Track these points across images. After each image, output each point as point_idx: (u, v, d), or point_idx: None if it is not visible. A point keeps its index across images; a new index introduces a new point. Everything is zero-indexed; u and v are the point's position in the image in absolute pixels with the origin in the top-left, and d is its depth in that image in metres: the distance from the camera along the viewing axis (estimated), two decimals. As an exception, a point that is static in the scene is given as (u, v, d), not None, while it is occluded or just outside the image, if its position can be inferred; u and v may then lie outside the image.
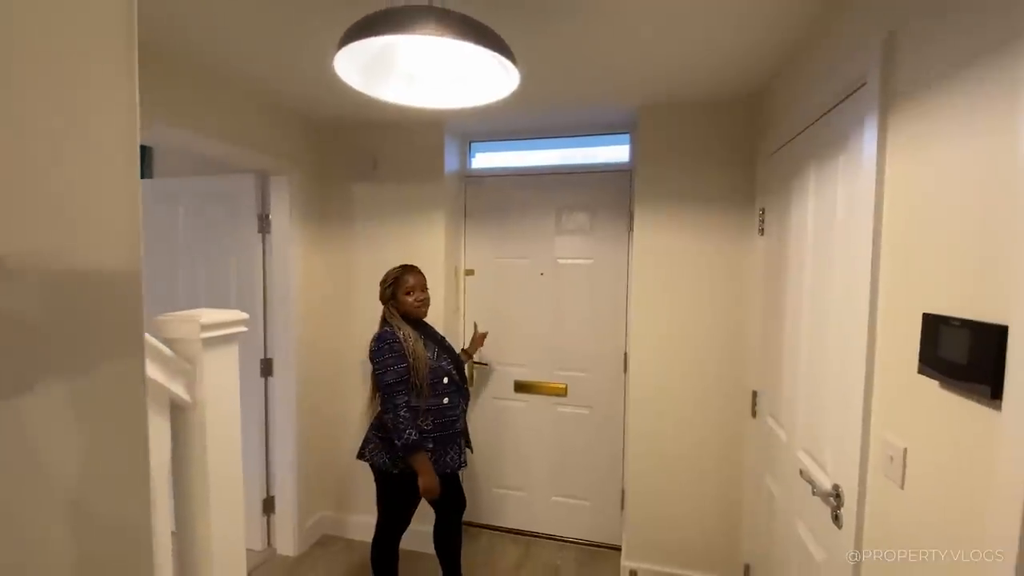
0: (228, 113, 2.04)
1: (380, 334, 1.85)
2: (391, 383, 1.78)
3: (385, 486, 1.91)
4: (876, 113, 1.07)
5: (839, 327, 1.26)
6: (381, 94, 1.35)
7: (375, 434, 1.90)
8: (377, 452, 1.87)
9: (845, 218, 1.25)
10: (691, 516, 2.23)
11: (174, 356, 0.88)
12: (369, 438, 1.92)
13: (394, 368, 1.79)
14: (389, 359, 1.79)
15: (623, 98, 2.12)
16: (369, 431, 1.94)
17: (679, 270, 2.19)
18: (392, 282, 1.94)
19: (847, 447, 1.17)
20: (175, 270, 2.60)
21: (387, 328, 1.87)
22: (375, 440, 1.89)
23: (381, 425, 1.87)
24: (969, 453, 0.78)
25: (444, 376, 1.93)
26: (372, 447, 1.89)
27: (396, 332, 1.85)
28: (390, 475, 1.86)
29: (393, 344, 1.81)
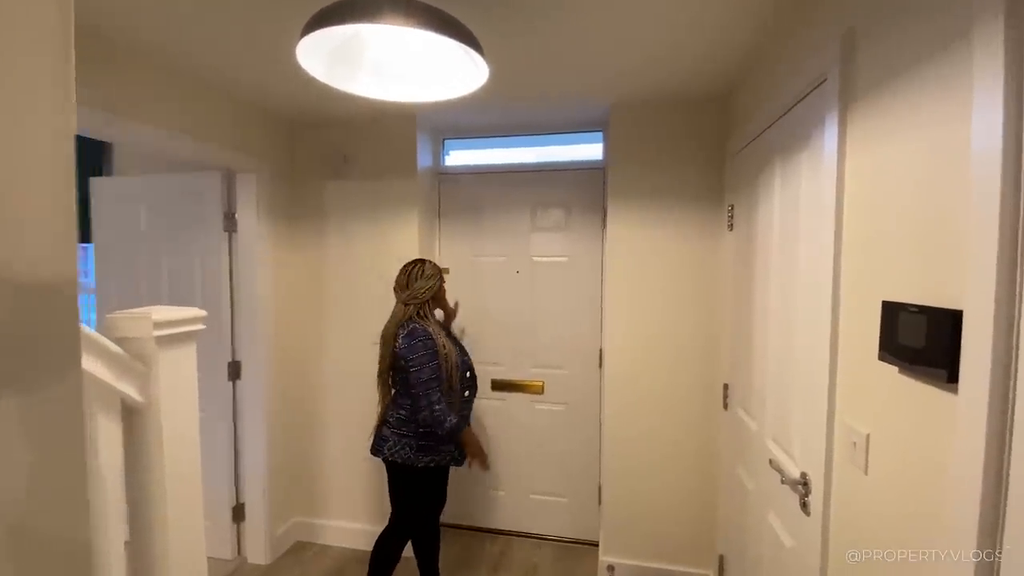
0: (189, 108, 1.97)
1: (412, 330, 1.80)
2: (427, 380, 1.76)
3: (407, 481, 1.87)
4: (836, 109, 1.10)
5: (804, 318, 1.28)
6: (347, 87, 1.32)
7: (394, 431, 1.85)
8: (398, 448, 1.83)
9: (808, 212, 1.28)
10: (667, 509, 2.25)
11: (125, 355, 0.84)
12: (386, 436, 1.86)
13: (429, 365, 1.78)
14: (424, 356, 1.77)
15: (595, 96, 2.13)
16: (384, 429, 1.88)
17: (652, 266, 2.21)
18: (439, 277, 1.92)
19: (813, 435, 1.19)
20: (137, 272, 2.50)
21: (416, 324, 1.82)
22: (393, 437, 1.84)
23: (402, 421, 1.83)
24: (929, 436, 0.80)
25: (467, 370, 1.96)
26: (391, 444, 1.84)
27: (427, 328, 1.82)
28: (414, 469, 1.84)
29: (427, 341, 1.79)
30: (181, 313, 0.91)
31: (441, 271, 1.96)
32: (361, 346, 2.52)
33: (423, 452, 1.83)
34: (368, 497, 2.56)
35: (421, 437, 1.82)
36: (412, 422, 1.82)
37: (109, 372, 0.80)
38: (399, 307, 1.90)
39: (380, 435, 1.89)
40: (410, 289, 1.89)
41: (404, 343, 1.79)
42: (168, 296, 2.46)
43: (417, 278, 1.89)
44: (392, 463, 1.86)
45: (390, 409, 1.89)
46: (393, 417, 1.87)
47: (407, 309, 1.87)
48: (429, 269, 1.92)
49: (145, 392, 0.87)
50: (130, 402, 0.85)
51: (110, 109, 1.64)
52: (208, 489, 2.43)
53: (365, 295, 2.51)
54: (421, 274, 1.90)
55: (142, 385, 0.86)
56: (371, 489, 2.55)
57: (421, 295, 1.88)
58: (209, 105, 2.06)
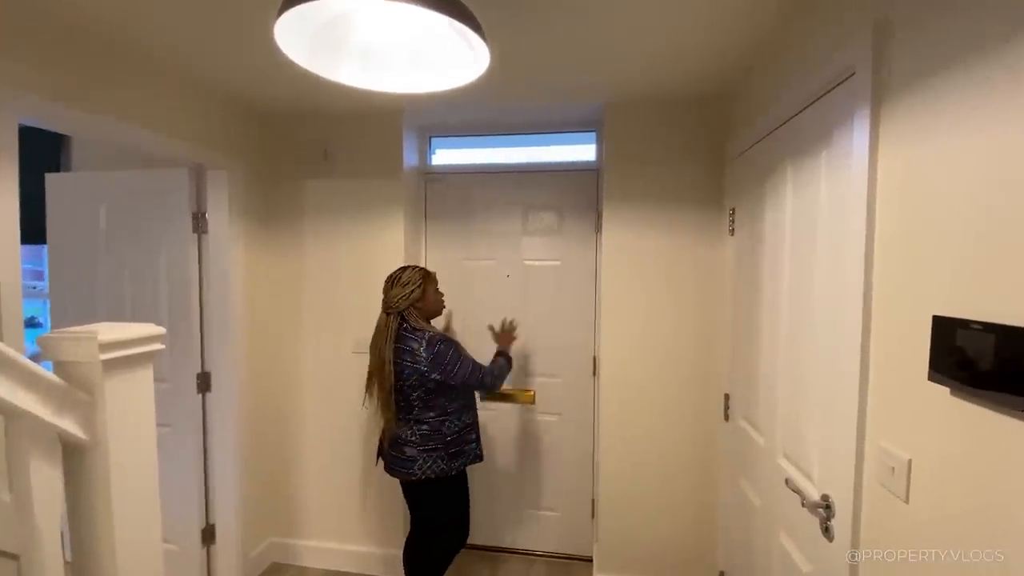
0: (150, 96, 1.80)
1: (430, 340, 1.76)
2: (471, 368, 1.81)
3: (444, 491, 1.85)
4: (868, 105, 1.02)
5: (825, 329, 1.20)
6: (331, 74, 1.19)
7: (420, 449, 1.79)
8: (430, 465, 1.79)
9: (830, 216, 1.20)
10: (664, 523, 2.17)
11: (63, 384, 0.69)
12: (412, 456, 1.79)
13: (462, 359, 1.79)
14: (454, 354, 1.78)
15: (590, 93, 2.04)
16: (406, 449, 1.80)
17: (648, 271, 2.13)
18: (421, 282, 1.85)
19: (838, 456, 1.11)
20: (96, 276, 2.30)
21: (431, 333, 1.79)
22: (422, 456, 1.79)
23: (427, 436, 1.79)
24: (992, 467, 0.72)
25: None
26: (421, 463, 1.79)
27: (435, 331, 1.82)
28: (449, 478, 1.83)
29: (446, 341, 1.79)
30: (134, 331, 0.77)
31: (426, 276, 1.88)
32: (342, 356, 2.38)
33: (454, 459, 1.82)
34: (349, 516, 2.41)
35: (449, 446, 1.81)
36: (438, 433, 1.79)
37: (43, 405, 0.65)
38: (381, 317, 1.84)
39: (404, 456, 1.80)
40: (386, 297, 1.84)
41: (428, 354, 1.73)
42: (131, 303, 2.27)
43: (393, 285, 1.84)
44: (426, 481, 1.80)
45: (407, 427, 1.81)
46: (416, 435, 1.80)
47: (389, 319, 1.81)
48: (407, 276, 1.85)
49: (89, 427, 0.72)
50: (71, 439, 0.71)
51: (60, 97, 1.47)
52: (175, 510, 2.27)
53: (346, 302, 2.36)
54: (397, 282, 1.84)
55: (86, 418, 0.72)
56: (352, 506, 2.40)
57: (395, 304, 1.81)
58: (173, 93, 1.89)
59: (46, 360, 0.82)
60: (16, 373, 0.62)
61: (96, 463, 0.73)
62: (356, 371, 2.36)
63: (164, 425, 2.22)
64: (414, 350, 1.74)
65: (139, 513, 0.78)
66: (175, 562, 2.27)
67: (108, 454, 0.72)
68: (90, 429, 0.72)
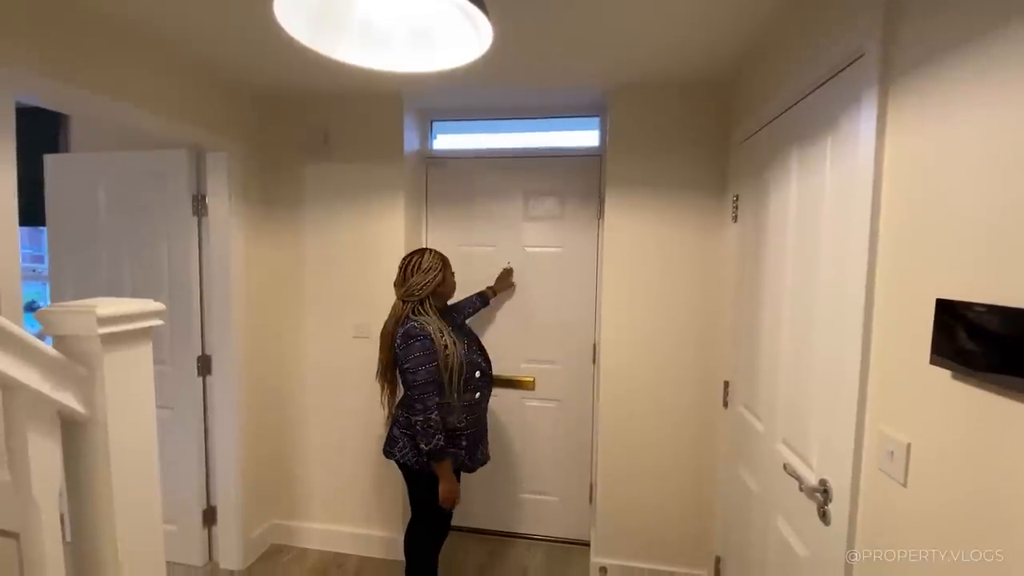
0: (149, 75, 1.78)
1: (408, 330, 1.67)
2: (422, 383, 1.64)
3: (418, 482, 1.79)
4: (875, 88, 1.00)
5: (827, 315, 1.20)
6: (332, 51, 1.17)
7: (403, 432, 1.77)
8: (409, 452, 1.75)
9: (835, 203, 1.19)
10: (662, 509, 2.18)
11: (62, 358, 0.69)
12: (395, 436, 1.79)
13: (425, 367, 1.65)
14: (420, 357, 1.65)
15: (593, 77, 2.01)
16: (394, 428, 1.81)
17: (650, 258, 2.12)
18: (441, 267, 1.79)
19: (837, 441, 1.12)
20: (96, 258, 2.30)
21: (414, 323, 1.69)
22: (403, 439, 1.76)
23: (408, 423, 1.74)
24: (992, 450, 0.72)
25: (476, 370, 1.82)
26: (401, 446, 1.77)
27: (425, 327, 1.68)
28: (422, 473, 1.75)
29: (423, 340, 1.66)
30: (133, 306, 0.76)
31: (444, 260, 1.83)
32: (343, 339, 2.38)
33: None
34: (350, 497, 2.43)
35: None
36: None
37: (42, 379, 0.65)
38: (397, 303, 1.78)
39: (390, 436, 1.81)
40: (406, 285, 1.76)
41: (400, 343, 1.68)
42: (131, 285, 2.27)
43: (413, 272, 1.75)
44: (404, 465, 1.78)
45: (400, 409, 1.80)
46: (402, 417, 1.77)
47: (405, 306, 1.75)
48: (427, 261, 1.77)
49: (88, 402, 0.72)
50: (69, 414, 0.71)
51: (54, 73, 1.46)
52: (176, 491, 2.29)
53: (347, 286, 2.36)
54: (417, 268, 1.75)
55: (84, 393, 0.71)
56: (353, 489, 2.42)
57: (418, 291, 1.74)
58: (170, 72, 1.87)
59: (46, 336, 0.81)
60: (14, 346, 0.62)
61: (95, 438, 0.73)
62: (357, 355, 2.36)
63: (165, 408, 2.23)
64: (396, 334, 1.71)
65: (139, 489, 0.78)
66: (176, 542, 2.29)
67: (107, 429, 0.72)
68: (89, 404, 0.72)
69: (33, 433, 0.65)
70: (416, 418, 1.65)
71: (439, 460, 1.67)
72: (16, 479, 0.65)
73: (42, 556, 0.68)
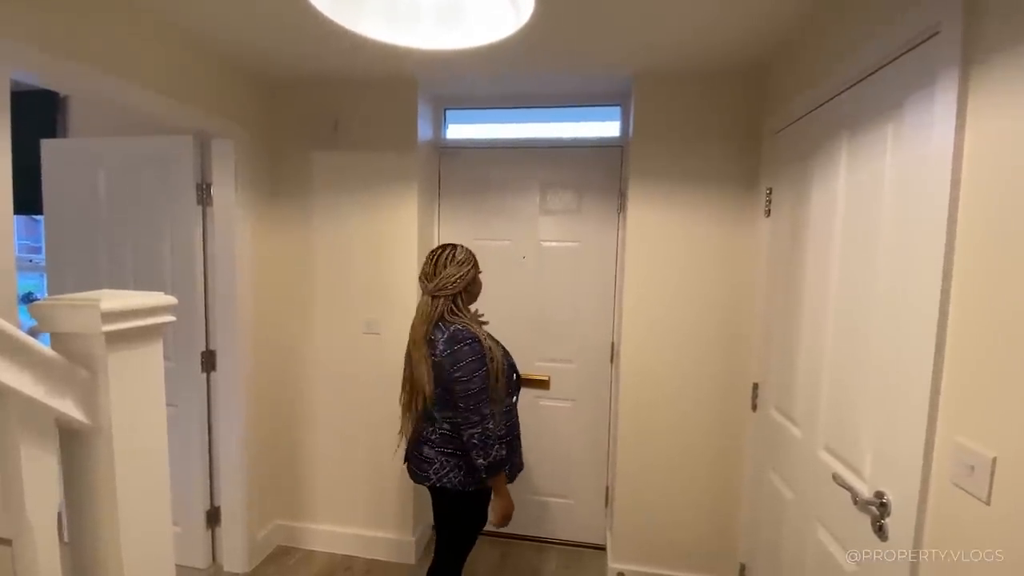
0: (152, 53, 1.68)
1: (454, 334, 1.49)
2: (476, 391, 1.47)
3: (455, 507, 1.61)
4: (956, 68, 0.91)
5: (886, 317, 1.12)
6: (355, 24, 1.08)
7: (439, 451, 1.56)
8: (449, 472, 1.55)
9: (897, 195, 1.10)
10: (683, 514, 2.11)
11: (60, 359, 0.60)
12: (429, 457, 1.57)
13: (479, 374, 1.48)
14: (472, 363, 1.47)
15: (622, 59, 1.89)
16: (425, 448, 1.59)
17: (674, 253, 2.03)
18: (475, 263, 1.62)
19: (899, 452, 1.03)
20: (96, 249, 2.21)
21: (458, 326, 1.51)
22: (440, 459, 1.56)
23: (447, 439, 1.56)
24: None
25: (513, 373, 1.68)
26: (437, 467, 1.56)
27: (471, 329, 1.52)
28: (464, 496, 1.58)
29: (473, 345, 1.49)
30: (142, 300, 0.67)
31: (474, 256, 1.64)
32: (352, 336, 2.29)
33: (473, 473, 1.54)
34: (358, 498, 2.35)
35: (468, 455, 1.53)
36: (459, 439, 1.54)
37: (37, 383, 0.56)
38: (425, 301, 1.57)
39: (422, 456, 1.59)
40: (437, 278, 1.56)
41: (445, 348, 1.49)
42: (133, 277, 2.18)
43: (446, 264, 1.56)
44: (441, 490, 1.58)
45: (429, 424, 1.60)
46: (435, 434, 1.58)
47: (435, 303, 1.55)
48: (461, 254, 1.59)
49: (91, 408, 0.63)
50: (69, 423, 0.62)
51: (56, 49, 1.36)
52: (179, 492, 2.20)
53: (357, 280, 2.27)
54: (451, 259, 1.57)
55: (86, 399, 0.62)
56: (361, 490, 2.34)
57: (451, 285, 1.55)
58: (175, 51, 1.77)
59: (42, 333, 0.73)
60: (3, 344, 0.53)
61: (98, 450, 0.64)
62: (367, 352, 2.28)
63: (168, 405, 2.12)
64: (435, 340, 1.52)
65: (147, 505, 0.69)
66: (179, 544, 2.21)
67: (112, 440, 0.63)
68: (91, 411, 0.63)
69: (27, 445, 0.56)
70: (472, 431, 1.47)
71: (497, 473, 1.50)
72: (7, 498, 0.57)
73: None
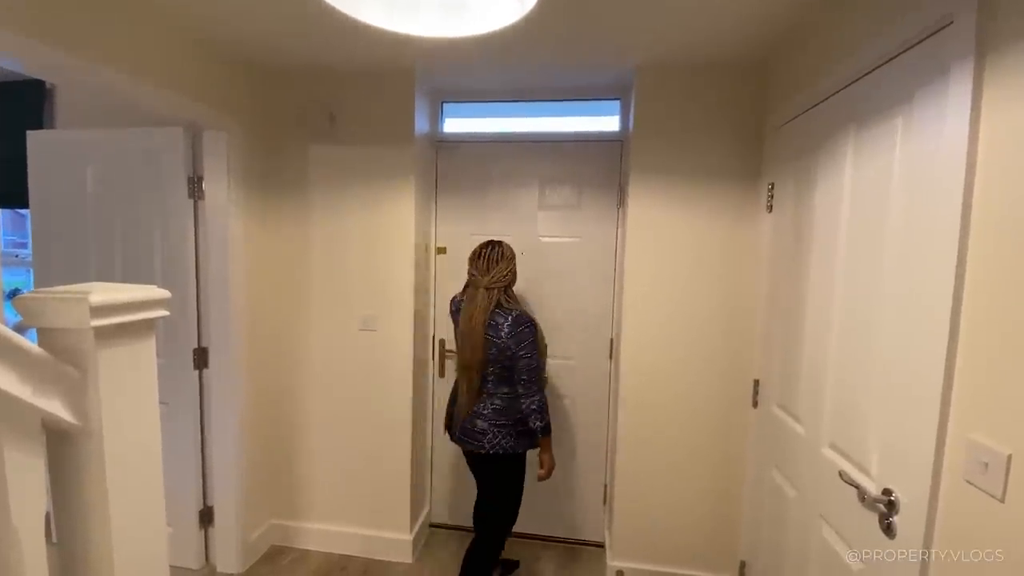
0: (142, 40, 1.63)
1: (518, 318, 1.77)
2: (536, 366, 1.78)
3: (507, 469, 1.87)
4: (970, 58, 0.90)
5: (894, 314, 1.10)
6: (356, 11, 1.05)
7: (492, 423, 1.80)
8: (502, 440, 1.80)
9: (907, 188, 1.09)
10: (682, 511, 2.10)
11: (45, 356, 0.56)
12: (483, 429, 1.81)
13: (537, 350, 1.79)
14: (533, 342, 1.77)
15: (625, 49, 1.86)
16: (479, 422, 1.81)
17: (675, 249, 2.02)
18: (514, 256, 1.89)
19: (908, 449, 1.02)
20: (84, 244, 2.15)
21: (516, 310, 1.80)
22: (492, 429, 1.80)
23: (499, 412, 1.80)
24: None
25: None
26: (491, 436, 1.80)
27: (528, 313, 1.82)
28: (513, 456, 1.85)
29: (531, 328, 1.78)
30: (133, 293, 0.64)
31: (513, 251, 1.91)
32: (348, 332, 2.26)
33: (522, 438, 1.82)
34: (355, 497, 2.32)
35: (518, 424, 1.81)
36: (510, 410, 1.80)
37: (22, 382, 0.53)
38: (481, 293, 1.80)
39: (475, 429, 1.82)
40: (491, 273, 1.81)
41: (510, 331, 1.75)
42: (122, 272, 2.13)
43: (497, 260, 1.83)
44: (494, 456, 1.81)
45: (482, 400, 1.82)
46: (488, 408, 1.81)
47: (491, 294, 1.80)
48: (508, 250, 1.87)
49: (79, 409, 0.59)
50: (56, 424, 0.59)
51: (42, 35, 1.31)
52: (171, 492, 2.13)
53: (353, 276, 2.23)
54: (501, 256, 1.84)
55: (75, 399, 0.59)
56: (358, 488, 2.31)
57: (503, 278, 1.82)
58: (165, 38, 1.72)
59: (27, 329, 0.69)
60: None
61: (88, 452, 0.60)
62: (363, 349, 2.25)
63: (159, 403, 2.08)
64: (499, 324, 1.76)
65: (140, 509, 0.66)
66: (171, 545, 2.14)
67: (103, 442, 0.60)
68: (80, 412, 0.60)
69: (11, 448, 0.53)
70: (533, 399, 1.77)
71: (548, 434, 1.82)
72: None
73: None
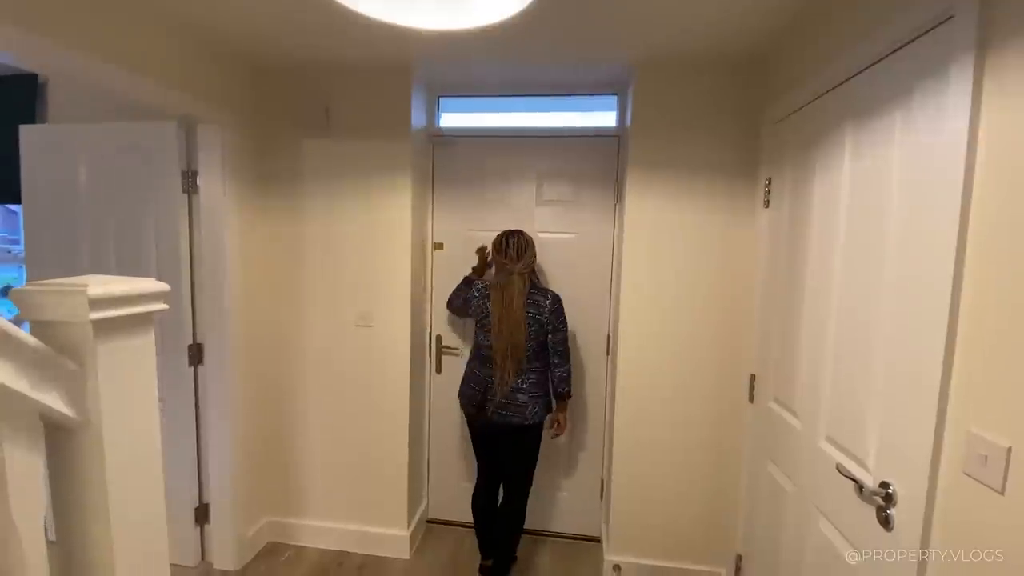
0: (135, 33, 1.61)
1: (555, 297, 1.99)
2: (566, 337, 2.02)
3: (540, 435, 2.06)
4: (971, 53, 0.90)
5: (893, 308, 1.11)
6: (355, 3, 1.04)
7: (531, 396, 1.97)
8: (540, 410, 1.99)
9: (905, 183, 1.09)
10: (679, 505, 2.11)
11: (43, 349, 0.56)
12: (524, 402, 1.96)
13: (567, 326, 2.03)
14: (565, 317, 2.01)
15: (619, 48, 1.87)
16: (519, 396, 1.96)
17: (673, 244, 2.02)
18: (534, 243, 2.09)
19: (906, 442, 1.03)
20: (77, 239, 2.12)
21: (552, 292, 2.01)
22: (531, 402, 1.96)
23: (535, 384, 1.97)
24: None
25: None
26: (531, 408, 1.96)
27: (556, 293, 2.02)
28: (540, 424, 2.02)
29: (562, 303, 2.01)
30: (133, 286, 0.63)
31: None
32: (344, 328, 2.25)
33: (549, 406, 2.04)
34: (351, 493, 2.31)
35: (547, 394, 2.02)
36: (544, 382, 2.01)
37: (19, 375, 0.52)
38: (516, 278, 1.96)
39: (518, 403, 1.95)
40: (523, 259, 1.99)
41: (552, 308, 1.96)
42: (116, 268, 2.10)
43: (525, 248, 2.01)
44: (531, 425, 1.97)
45: (518, 377, 1.95)
46: (526, 383, 1.96)
47: (523, 278, 1.98)
48: (530, 237, 2.06)
49: (78, 402, 0.59)
50: (55, 418, 0.58)
51: (32, 25, 1.29)
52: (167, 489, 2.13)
53: (349, 271, 2.22)
54: (528, 244, 2.03)
55: (73, 393, 0.58)
56: (354, 484, 2.31)
57: (532, 263, 2.03)
58: (162, 34, 1.70)
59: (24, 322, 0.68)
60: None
61: (87, 446, 0.60)
62: (360, 344, 2.24)
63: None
64: (539, 303, 1.95)
65: (140, 504, 0.65)
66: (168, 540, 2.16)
67: (101, 435, 0.59)
68: (79, 405, 0.59)
69: (10, 442, 0.52)
70: (565, 366, 2.00)
71: (571, 396, 2.07)
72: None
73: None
